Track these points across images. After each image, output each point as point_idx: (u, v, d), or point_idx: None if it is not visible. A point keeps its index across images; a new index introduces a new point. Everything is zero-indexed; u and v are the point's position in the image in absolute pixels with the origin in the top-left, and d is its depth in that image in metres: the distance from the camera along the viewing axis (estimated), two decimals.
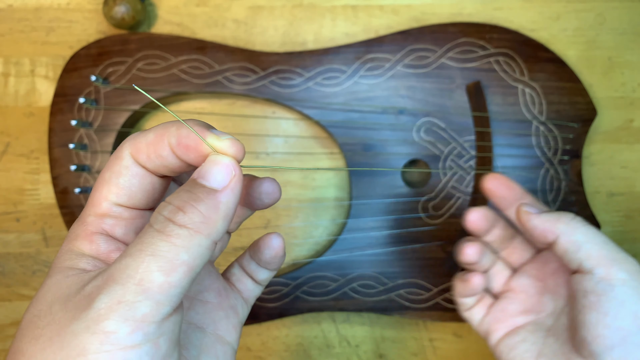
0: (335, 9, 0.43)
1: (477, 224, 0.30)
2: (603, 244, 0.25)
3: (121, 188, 0.18)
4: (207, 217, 0.16)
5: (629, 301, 0.24)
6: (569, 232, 0.26)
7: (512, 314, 0.30)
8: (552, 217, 0.27)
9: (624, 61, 0.43)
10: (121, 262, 0.15)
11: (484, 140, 0.40)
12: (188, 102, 0.42)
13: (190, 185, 0.17)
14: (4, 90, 0.42)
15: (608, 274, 0.24)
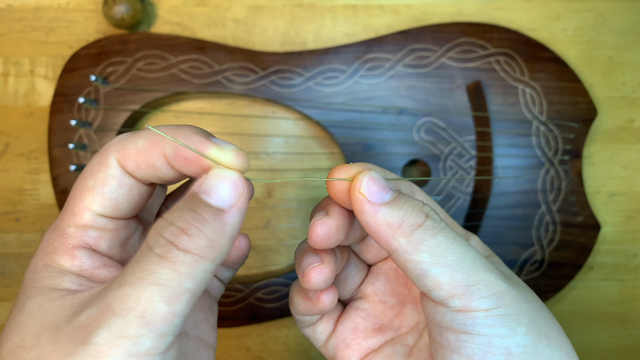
0: (335, 8, 0.42)
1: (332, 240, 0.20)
2: (457, 263, 0.18)
3: (107, 199, 0.17)
4: (213, 241, 0.15)
5: (497, 336, 0.18)
6: (409, 250, 0.18)
7: (365, 333, 0.23)
8: (393, 219, 0.18)
9: (625, 61, 0.43)
10: (119, 290, 0.14)
11: (484, 140, 0.40)
12: (188, 102, 0.42)
13: (193, 203, 0.15)
14: (4, 90, 0.42)
15: (466, 305, 0.18)
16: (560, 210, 0.41)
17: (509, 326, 0.18)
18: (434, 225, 0.18)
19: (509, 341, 0.18)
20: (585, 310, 0.44)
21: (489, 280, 0.18)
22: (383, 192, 0.18)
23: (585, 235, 0.41)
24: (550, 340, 0.18)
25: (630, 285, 0.44)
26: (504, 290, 0.18)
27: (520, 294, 0.18)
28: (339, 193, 0.19)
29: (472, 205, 0.40)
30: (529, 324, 0.18)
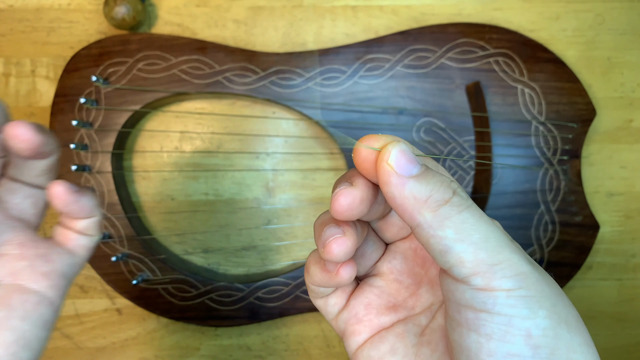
0: (335, 9, 0.43)
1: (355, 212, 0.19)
2: (482, 241, 0.18)
3: None
4: None
5: (517, 317, 0.17)
6: (434, 225, 0.18)
7: (378, 311, 0.23)
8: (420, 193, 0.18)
9: (623, 61, 0.43)
10: None
11: (484, 140, 0.40)
12: (188, 102, 0.42)
13: None
14: (5, 91, 0.42)
15: (488, 283, 0.17)
16: (559, 210, 0.41)
17: (530, 308, 0.17)
18: (460, 202, 0.18)
19: (530, 323, 0.17)
20: (584, 309, 0.44)
21: (513, 261, 0.18)
22: (411, 165, 0.18)
23: (584, 235, 0.41)
24: (570, 326, 0.18)
25: (628, 285, 0.44)
26: (527, 271, 0.18)
27: (542, 277, 0.18)
28: (365, 163, 0.19)
29: None
30: (550, 307, 0.18)
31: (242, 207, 0.42)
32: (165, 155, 0.42)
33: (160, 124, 0.42)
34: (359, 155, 0.19)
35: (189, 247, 0.43)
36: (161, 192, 0.42)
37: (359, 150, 0.19)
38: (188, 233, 0.42)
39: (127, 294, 0.40)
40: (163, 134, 0.42)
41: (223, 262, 0.43)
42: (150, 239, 0.42)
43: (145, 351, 0.43)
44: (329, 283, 0.22)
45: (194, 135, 0.42)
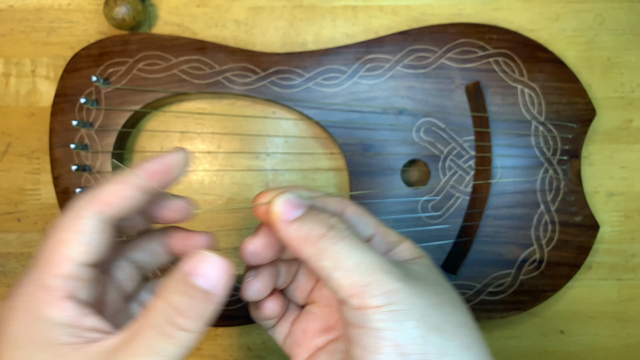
0: (335, 9, 0.43)
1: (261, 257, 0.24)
2: (355, 266, 0.20)
3: (86, 246, 0.18)
4: (204, 317, 0.18)
5: (387, 330, 0.19)
6: (315, 257, 0.20)
7: (313, 334, 0.26)
8: (300, 232, 0.21)
9: (623, 61, 0.43)
10: None
11: (484, 141, 0.40)
12: (189, 103, 0.42)
13: (187, 287, 0.18)
14: (5, 91, 0.42)
15: (362, 303, 0.20)
16: (558, 210, 0.41)
17: (397, 320, 0.20)
18: (335, 235, 0.21)
19: (397, 334, 0.19)
20: (583, 309, 0.44)
21: (383, 280, 0.20)
22: (294, 210, 0.21)
23: (584, 235, 0.41)
24: (444, 332, 0.20)
25: (628, 285, 0.44)
26: (396, 288, 0.20)
27: (416, 291, 0.20)
28: (262, 216, 0.23)
29: (471, 205, 0.40)
30: (419, 318, 0.20)
31: (242, 207, 0.43)
32: None
33: (161, 124, 0.42)
34: (256, 211, 0.23)
35: None
36: None
37: (256, 208, 0.23)
38: None
39: None
40: (163, 134, 0.42)
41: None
42: None
43: None
44: (259, 317, 0.25)
45: (194, 135, 0.42)
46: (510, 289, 0.41)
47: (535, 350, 0.44)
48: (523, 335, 0.44)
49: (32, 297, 0.18)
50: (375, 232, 0.25)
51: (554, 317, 0.44)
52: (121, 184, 0.19)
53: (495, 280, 0.41)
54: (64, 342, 0.17)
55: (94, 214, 0.19)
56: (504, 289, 0.41)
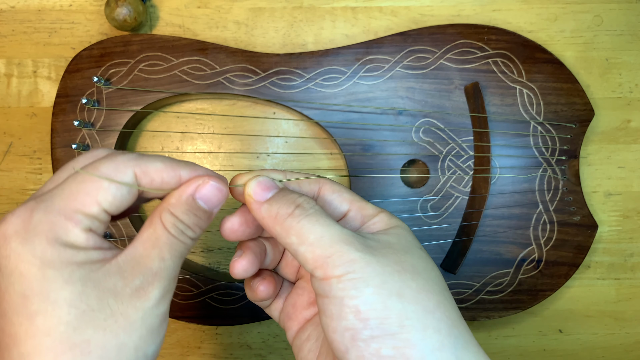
0: (335, 10, 0.43)
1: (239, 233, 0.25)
2: (317, 240, 0.22)
3: (117, 200, 0.21)
4: (202, 230, 0.23)
5: (347, 297, 0.21)
6: (283, 235, 0.22)
7: (302, 307, 0.27)
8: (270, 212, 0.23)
9: (621, 62, 0.44)
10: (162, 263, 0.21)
11: (482, 141, 0.40)
12: (189, 103, 0.42)
13: (193, 207, 0.22)
14: (7, 91, 0.42)
15: (325, 274, 0.21)
16: (557, 209, 0.41)
17: (357, 288, 0.21)
18: (300, 213, 0.22)
19: (357, 301, 0.21)
20: (582, 308, 0.45)
21: (343, 251, 0.21)
22: (266, 192, 0.23)
23: (582, 235, 0.41)
24: (403, 297, 0.21)
25: (626, 284, 0.44)
26: (355, 258, 0.21)
27: (375, 259, 0.22)
28: (239, 197, 0.25)
29: (470, 205, 0.41)
30: (378, 284, 0.21)
31: None
32: (166, 155, 0.42)
33: (162, 124, 0.42)
34: (233, 192, 0.25)
35: None
36: None
37: (232, 189, 0.25)
38: None
39: None
40: (164, 135, 0.42)
41: (224, 261, 0.43)
42: None
43: None
44: (254, 298, 0.27)
45: (194, 135, 0.42)
46: (509, 288, 0.41)
47: (534, 349, 0.45)
48: (522, 334, 0.45)
49: (56, 225, 0.19)
50: (350, 207, 0.26)
51: (552, 316, 0.44)
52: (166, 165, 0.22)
53: (494, 279, 0.41)
54: (91, 261, 0.20)
55: (133, 176, 0.21)
56: (503, 288, 0.41)
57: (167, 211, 0.22)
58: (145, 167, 0.22)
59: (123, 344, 0.19)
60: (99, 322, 0.19)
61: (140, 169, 0.21)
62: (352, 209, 0.26)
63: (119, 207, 0.21)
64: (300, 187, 0.26)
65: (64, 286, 0.18)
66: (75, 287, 0.19)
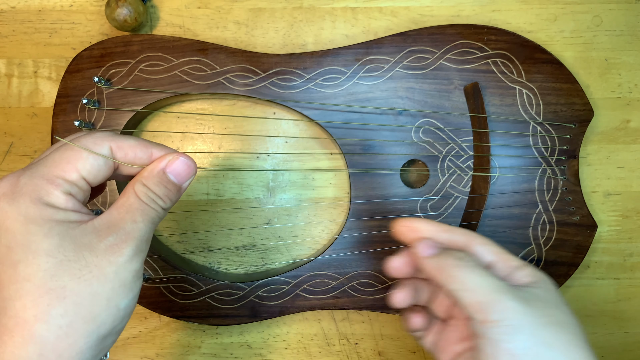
0: (335, 11, 0.43)
1: (401, 271, 0.31)
2: (477, 288, 0.26)
3: (94, 169, 0.23)
4: (172, 202, 0.26)
5: (503, 341, 0.25)
6: (447, 282, 0.27)
7: (453, 342, 0.31)
8: (436, 264, 0.28)
9: (621, 62, 0.44)
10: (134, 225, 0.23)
11: (482, 141, 0.40)
12: (190, 103, 0.42)
13: (164, 180, 0.25)
14: (8, 91, 0.42)
15: (484, 318, 0.25)
16: (556, 209, 0.41)
17: (511, 334, 0.25)
18: (462, 264, 0.27)
19: (511, 345, 0.24)
20: (581, 308, 0.45)
21: (499, 300, 0.25)
22: (432, 250, 0.29)
23: (582, 235, 0.41)
24: (553, 347, 0.25)
25: (626, 284, 0.45)
26: (510, 306, 0.25)
27: (528, 310, 0.25)
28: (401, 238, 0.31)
29: (469, 205, 0.41)
30: (530, 333, 0.25)
31: (242, 206, 0.43)
32: None
33: (162, 124, 0.42)
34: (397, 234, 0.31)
35: (190, 247, 0.43)
36: None
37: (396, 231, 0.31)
38: (189, 232, 0.43)
39: None
40: (164, 135, 0.42)
41: (224, 261, 0.43)
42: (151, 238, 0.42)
43: (147, 349, 0.43)
44: (408, 328, 0.32)
45: (195, 135, 0.43)
46: None
47: None
48: None
49: (40, 188, 0.22)
50: (496, 259, 0.29)
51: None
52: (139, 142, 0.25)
53: None
54: (69, 220, 0.22)
55: (109, 150, 0.24)
56: None
57: (140, 183, 0.24)
58: (121, 143, 0.24)
59: (96, 293, 0.21)
60: (74, 272, 0.21)
61: (116, 144, 0.24)
62: (498, 260, 0.29)
63: (96, 176, 0.23)
64: (452, 237, 0.30)
65: (44, 239, 0.21)
66: (53, 239, 0.21)
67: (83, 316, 0.21)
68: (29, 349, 0.20)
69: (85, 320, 0.21)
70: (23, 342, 0.20)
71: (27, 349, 0.20)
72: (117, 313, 0.22)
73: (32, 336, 0.20)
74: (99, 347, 0.22)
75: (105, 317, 0.21)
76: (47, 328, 0.20)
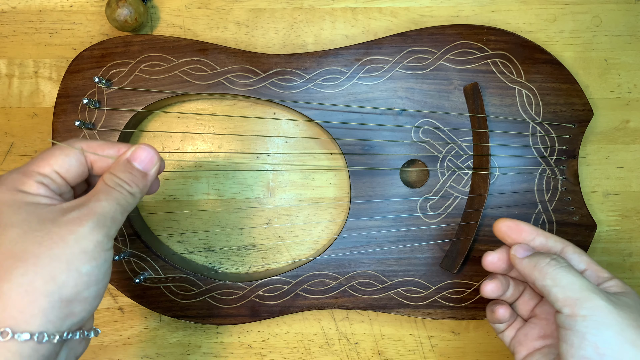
0: (335, 11, 0.43)
1: (495, 266, 0.35)
2: (569, 285, 0.29)
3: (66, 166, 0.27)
4: (141, 188, 0.28)
5: (589, 334, 0.27)
6: (540, 278, 0.30)
7: (532, 338, 0.34)
8: (530, 263, 0.31)
9: (620, 62, 0.44)
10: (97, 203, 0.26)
11: (482, 141, 0.40)
12: (190, 104, 0.42)
13: (130, 167, 0.28)
14: (8, 92, 0.43)
15: (572, 312, 0.28)
16: (556, 209, 0.41)
17: (598, 328, 0.27)
18: (555, 263, 0.30)
19: (597, 338, 0.27)
20: None
21: (590, 298, 0.28)
22: (526, 252, 0.32)
23: (581, 235, 0.42)
24: (637, 347, 0.27)
25: None
26: (600, 305, 0.28)
27: (616, 311, 0.28)
28: (500, 236, 0.35)
29: (469, 205, 0.41)
30: (617, 331, 0.27)
31: (243, 206, 0.43)
32: (167, 155, 0.43)
33: (162, 124, 0.42)
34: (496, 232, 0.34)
35: (191, 246, 0.43)
36: (163, 192, 0.43)
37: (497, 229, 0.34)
38: (190, 232, 0.43)
39: (129, 293, 0.40)
40: (165, 135, 0.42)
41: (224, 261, 0.43)
42: (152, 238, 0.42)
43: (147, 349, 0.44)
44: (493, 319, 0.35)
45: (195, 135, 0.43)
46: None
47: None
48: None
49: (16, 179, 0.26)
50: (587, 267, 0.32)
51: None
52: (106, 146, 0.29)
53: None
54: (39, 203, 0.25)
55: (80, 149, 0.28)
56: None
57: (107, 173, 0.27)
58: (90, 143, 0.28)
59: (55, 255, 0.23)
60: (36, 239, 0.23)
61: (86, 144, 0.28)
62: (589, 268, 0.32)
63: (69, 170, 0.27)
64: (547, 242, 0.33)
65: (12, 215, 0.24)
66: (20, 215, 0.24)
67: (42, 276, 0.23)
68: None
69: (45, 280, 0.23)
70: None
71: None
72: (79, 277, 0.24)
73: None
74: (65, 311, 0.23)
75: (66, 279, 0.23)
76: (9, 286, 0.22)
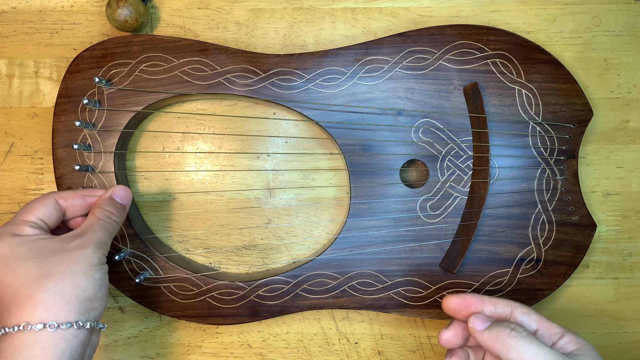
0: (335, 11, 0.43)
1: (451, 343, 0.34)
2: (534, 358, 0.29)
3: (47, 213, 0.34)
4: (120, 217, 0.36)
5: None
6: (504, 352, 0.30)
7: None
8: (491, 335, 0.31)
9: (620, 62, 0.44)
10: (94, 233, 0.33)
11: (481, 141, 0.40)
12: (190, 104, 0.42)
13: (112, 202, 0.35)
14: (9, 92, 0.43)
15: None
16: (556, 209, 0.41)
17: None
18: (516, 335, 0.30)
19: None
20: (581, 308, 0.45)
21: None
22: (485, 322, 0.32)
23: (581, 234, 0.42)
24: None
25: (625, 284, 0.45)
26: None
27: None
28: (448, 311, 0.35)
29: (469, 205, 0.41)
30: None
31: (243, 206, 0.43)
32: (167, 155, 0.43)
33: (162, 124, 0.43)
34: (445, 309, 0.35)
35: (191, 246, 0.43)
36: (163, 192, 0.43)
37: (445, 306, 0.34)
38: (190, 232, 0.43)
39: (129, 293, 0.40)
40: (165, 135, 0.42)
41: (224, 260, 0.43)
42: (152, 238, 0.42)
43: (148, 349, 0.44)
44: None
45: (195, 135, 0.43)
46: (508, 287, 0.41)
47: None
48: None
49: (12, 229, 0.32)
50: (538, 326, 0.33)
51: (551, 316, 0.44)
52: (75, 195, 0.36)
53: (493, 278, 0.41)
54: (41, 238, 0.32)
55: (54, 200, 0.34)
56: (502, 287, 0.41)
57: (96, 207, 0.35)
58: (60, 193, 0.35)
59: (74, 270, 0.30)
60: (55, 261, 0.30)
61: (58, 195, 0.35)
62: (540, 327, 0.33)
63: (50, 217, 0.34)
64: (496, 309, 0.33)
65: (27, 251, 0.31)
66: (33, 251, 0.31)
67: (70, 284, 0.30)
68: (39, 309, 0.29)
69: (72, 287, 0.30)
70: (33, 306, 0.29)
71: (37, 309, 0.29)
72: (95, 282, 0.31)
73: (39, 301, 0.29)
74: (89, 306, 0.31)
75: (86, 285, 0.31)
76: (47, 295, 0.29)
